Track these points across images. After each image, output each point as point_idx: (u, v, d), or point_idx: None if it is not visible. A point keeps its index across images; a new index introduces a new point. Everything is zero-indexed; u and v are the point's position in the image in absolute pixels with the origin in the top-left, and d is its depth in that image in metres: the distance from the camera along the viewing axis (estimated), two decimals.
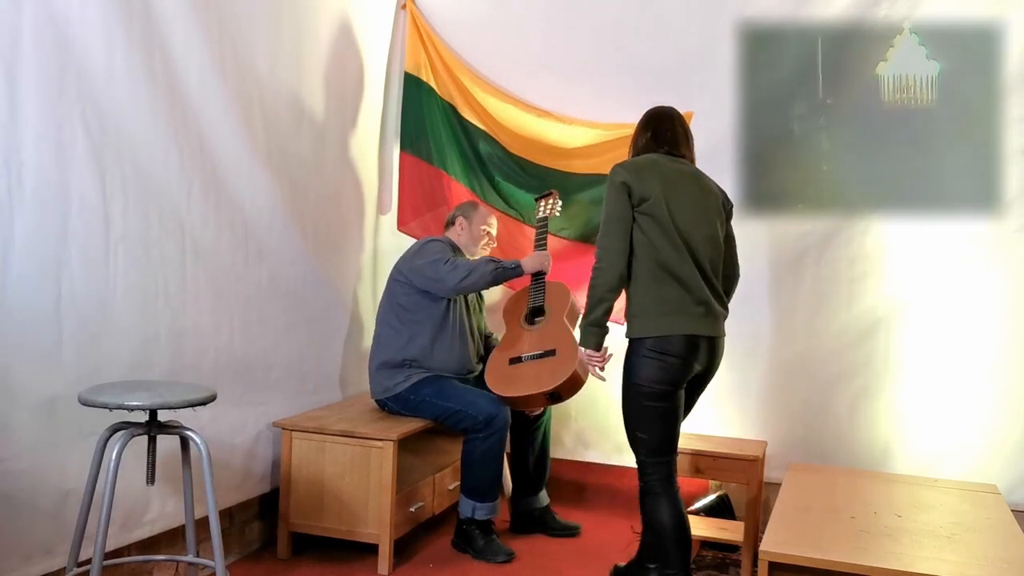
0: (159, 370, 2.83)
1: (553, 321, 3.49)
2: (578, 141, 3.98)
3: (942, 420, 3.56)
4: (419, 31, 4.11)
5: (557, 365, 3.31)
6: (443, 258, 3.43)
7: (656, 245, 2.76)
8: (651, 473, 2.82)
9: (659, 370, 2.75)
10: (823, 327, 3.70)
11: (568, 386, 3.28)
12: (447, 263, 3.41)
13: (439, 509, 3.63)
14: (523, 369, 3.40)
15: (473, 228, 3.67)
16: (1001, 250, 3.48)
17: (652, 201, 2.76)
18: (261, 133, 3.25)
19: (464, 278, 3.39)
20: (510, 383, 3.37)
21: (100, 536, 2.24)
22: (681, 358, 2.75)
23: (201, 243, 2.99)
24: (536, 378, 3.33)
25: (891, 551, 2.52)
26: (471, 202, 3.84)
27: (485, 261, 3.46)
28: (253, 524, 3.41)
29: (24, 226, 2.40)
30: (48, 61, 2.43)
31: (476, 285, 3.44)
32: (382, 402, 3.52)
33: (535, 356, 3.40)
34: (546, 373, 3.32)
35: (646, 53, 3.86)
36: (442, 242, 3.57)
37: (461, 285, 3.40)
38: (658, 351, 2.75)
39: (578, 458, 4.09)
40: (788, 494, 3.07)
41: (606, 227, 2.77)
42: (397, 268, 3.56)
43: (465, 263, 3.45)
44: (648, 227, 2.76)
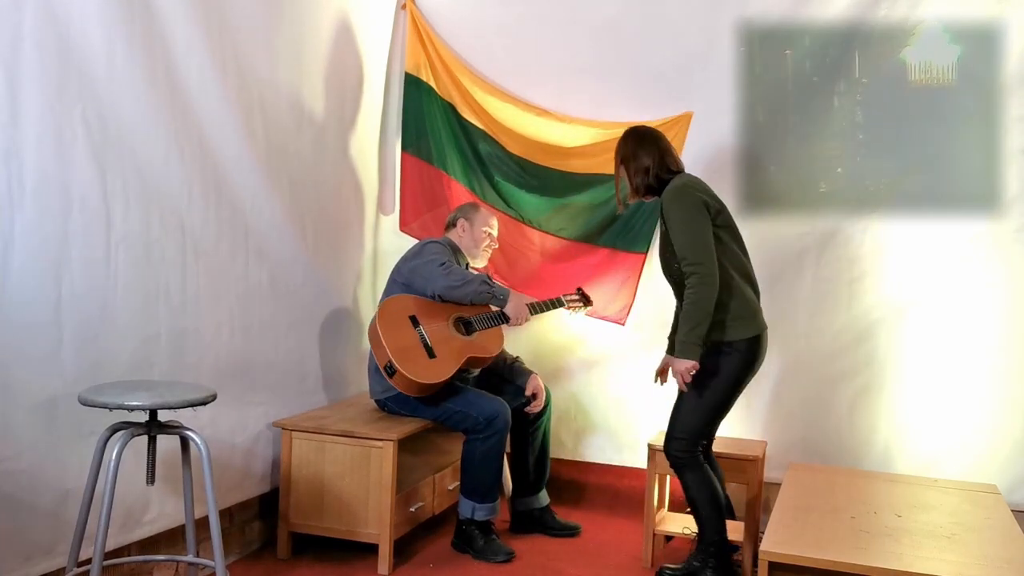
0: (159, 370, 2.84)
1: (481, 341, 3.50)
2: (578, 141, 3.98)
3: (942, 420, 3.56)
4: (419, 31, 4.11)
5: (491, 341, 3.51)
6: (439, 260, 3.43)
7: (736, 252, 3.04)
8: (698, 451, 3.05)
9: (751, 365, 3.02)
10: (823, 327, 3.70)
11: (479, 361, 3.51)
12: (443, 265, 3.41)
13: (439, 509, 3.63)
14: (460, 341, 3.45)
15: (475, 230, 3.66)
16: (1001, 250, 3.48)
17: (724, 214, 3.02)
18: (261, 133, 3.25)
19: (455, 286, 3.39)
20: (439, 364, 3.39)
21: (100, 536, 2.24)
22: (765, 351, 3.05)
23: (201, 243, 2.99)
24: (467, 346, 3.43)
25: (891, 551, 2.52)
26: (472, 203, 3.84)
27: (480, 280, 3.44)
28: (253, 524, 3.41)
29: (24, 226, 2.40)
30: (49, 61, 2.43)
31: (462, 297, 3.43)
32: (381, 402, 3.52)
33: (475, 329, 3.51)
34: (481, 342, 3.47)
35: (646, 53, 3.86)
36: (441, 244, 3.57)
37: (449, 291, 3.40)
38: (753, 350, 2.99)
39: (578, 458, 4.09)
40: (788, 494, 3.07)
41: (697, 244, 2.89)
42: (397, 269, 3.56)
43: (461, 272, 3.44)
44: (727, 239, 3.01)
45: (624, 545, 3.59)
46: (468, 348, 3.44)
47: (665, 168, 3.08)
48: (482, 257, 3.72)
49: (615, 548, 3.56)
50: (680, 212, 2.92)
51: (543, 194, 4.03)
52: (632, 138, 3.16)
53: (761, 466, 3.45)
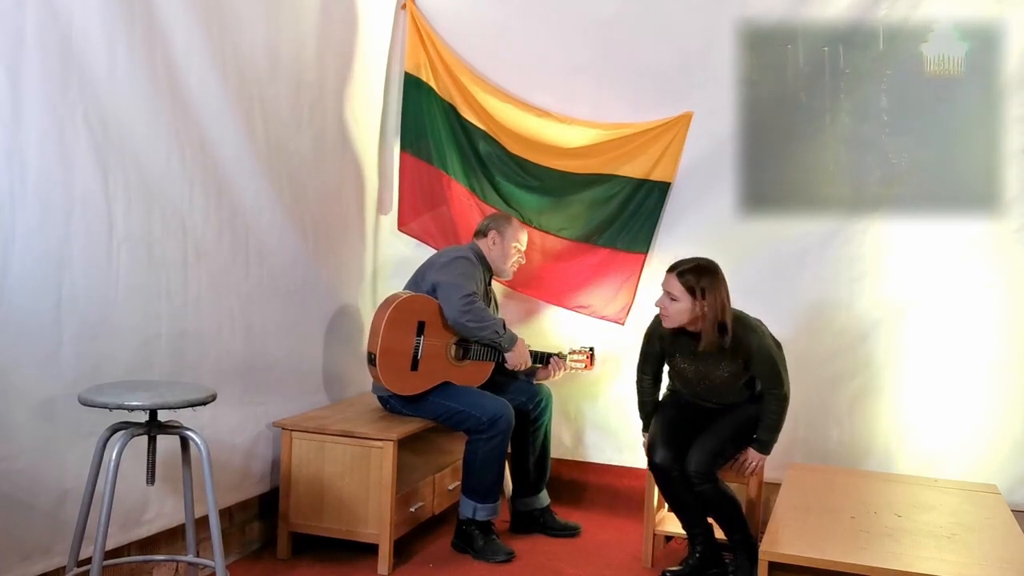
0: (159, 370, 2.84)
1: (467, 371, 3.53)
2: (578, 141, 3.98)
3: (942, 420, 3.56)
4: (419, 31, 4.11)
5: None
6: (465, 291, 3.39)
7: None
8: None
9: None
10: (823, 327, 3.69)
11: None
12: (466, 298, 3.38)
13: (439, 509, 3.63)
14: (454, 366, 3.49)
15: (505, 243, 3.65)
16: (1001, 250, 3.47)
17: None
18: (261, 133, 3.25)
19: (469, 326, 3.39)
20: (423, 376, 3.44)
21: (100, 536, 2.24)
22: None
23: (202, 243, 2.99)
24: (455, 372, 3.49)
25: (891, 551, 2.52)
26: (506, 216, 3.81)
27: (493, 328, 3.42)
28: (253, 524, 3.41)
29: (26, 226, 2.40)
30: (51, 61, 2.43)
31: (470, 335, 3.45)
32: (384, 399, 3.52)
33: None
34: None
35: (646, 53, 3.85)
36: (470, 260, 3.52)
37: (462, 327, 3.41)
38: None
39: (578, 458, 4.09)
40: (788, 494, 3.07)
41: (784, 371, 3.17)
42: (422, 273, 3.54)
43: (480, 313, 3.40)
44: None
45: (624, 545, 3.59)
46: (449, 374, 3.47)
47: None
48: (508, 272, 3.71)
49: (615, 548, 3.56)
50: (772, 348, 3.17)
51: (543, 194, 4.03)
52: (718, 274, 3.15)
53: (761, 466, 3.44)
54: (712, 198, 3.77)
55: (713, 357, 3.15)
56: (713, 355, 3.14)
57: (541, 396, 3.68)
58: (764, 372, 3.15)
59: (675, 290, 3.06)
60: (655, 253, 3.91)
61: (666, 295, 3.10)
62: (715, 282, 3.05)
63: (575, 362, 3.71)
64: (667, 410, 3.32)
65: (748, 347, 3.11)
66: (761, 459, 3.21)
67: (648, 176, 3.89)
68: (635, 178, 3.90)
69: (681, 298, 3.05)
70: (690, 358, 3.20)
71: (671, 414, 3.29)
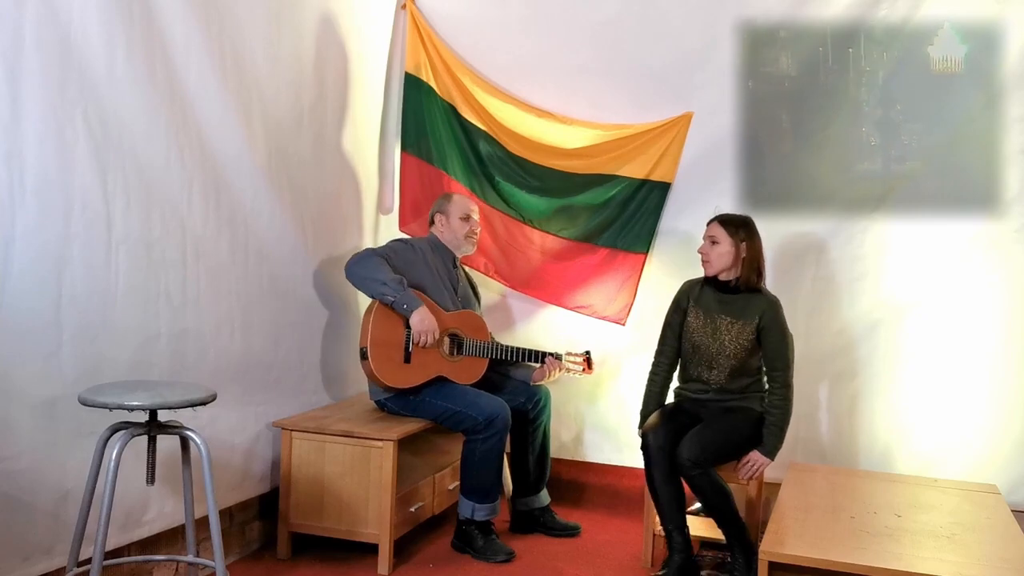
0: (159, 370, 2.84)
1: (460, 366, 3.54)
2: (578, 141, 3.98)
3: (942, 420, 3.56)
4: (419, 31, 4.11)
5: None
6: (373, 249, 3.43)
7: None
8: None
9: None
10: (823, 327, 3.70)
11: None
12: (366, 250, 3.42)
13: (439, 509, 3.63)
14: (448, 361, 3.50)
15: (451, 221, 3.64)
16: (1001, 250, 3.47)
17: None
18: (261, 133, 3.25)
19: (352, 267, 3.36)
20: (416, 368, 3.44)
21: (100, 536, 2.24)
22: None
23: (202, 243, 2.99)
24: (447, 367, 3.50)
25: (891, 551, 2.53)
26: (445, 195, 3.80)
27: (386, 279, 3.32)
28: (253, 524, 3.42)
29: (25, 226, 2.40)
30: (50, 61, 2.43)
31: (358, 284, 3.39)
32: (381, 403, 3.52)
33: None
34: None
35: (646, 53, 3.85)
36: (403, 242, 3.57)
37: (347, 269, 3.38)
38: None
39: (578, 458, 4.09)
40: (788, 494, 3.07)
41: (792, 357, 3.25)
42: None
43: (370, 262, 3.35)
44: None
45: (624, 545, 3.59)
46: (443, 368, 3.47)
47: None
48: (467, 245, 3.68)
49: (615, 548, 3.56)
50: (785, 324, 3.24)
51: (544, 194, 4.04)
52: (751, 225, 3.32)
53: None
54: (712, 198, 3.76)
55: (730, 312, 3.23)
56: (730, 309, 3.23)
57: (539, 396, 3.68)
58: (773, 343, 3.21)
59: (717, 233, 3.26)
60: (655, 253, 3.91)
61: (708, 240, 3.29)
62: (753, 231, 3.28)
63: (572, 363, 3.71)
64: (669, 407, 3.37)
65: (766, 304, 3.23)
66: (765, 463, 3.20)
67: (648, 176, 3.89)
68: (635, 178, 3.91)
69: (723, 241, 3.24)
70: (707, 316, 3.27)
71: (672, 408, 3.34)
